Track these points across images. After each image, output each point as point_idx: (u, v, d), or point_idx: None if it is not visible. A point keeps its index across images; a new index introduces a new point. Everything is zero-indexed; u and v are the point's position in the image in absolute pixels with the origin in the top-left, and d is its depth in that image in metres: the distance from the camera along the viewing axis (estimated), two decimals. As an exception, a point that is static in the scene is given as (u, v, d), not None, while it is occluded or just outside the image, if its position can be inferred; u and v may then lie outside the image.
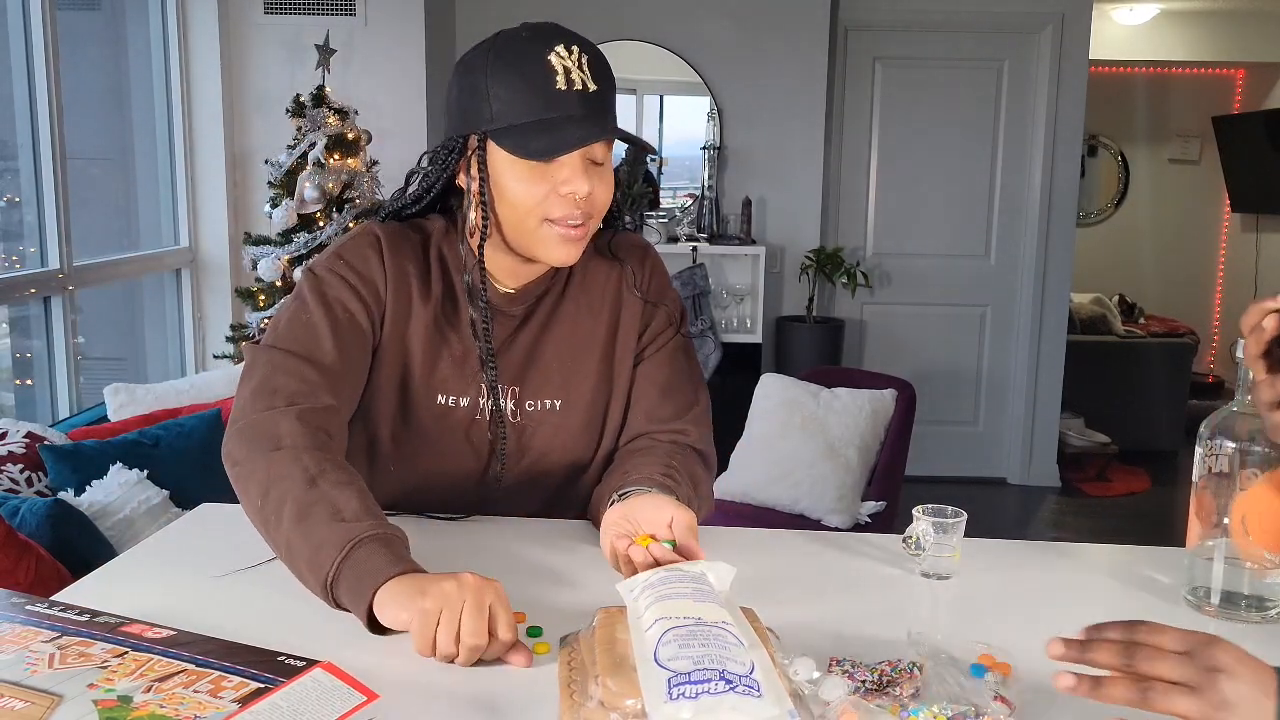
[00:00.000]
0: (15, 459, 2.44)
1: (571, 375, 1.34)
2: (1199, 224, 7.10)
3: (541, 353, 1.34)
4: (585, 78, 1.19)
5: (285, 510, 1.07)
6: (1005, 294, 5.07)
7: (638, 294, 1.37)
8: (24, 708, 0.76)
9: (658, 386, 1.36)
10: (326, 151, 3.53)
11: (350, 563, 1.01)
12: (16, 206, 3.16)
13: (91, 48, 3.82)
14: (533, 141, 1.18)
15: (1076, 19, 4.83)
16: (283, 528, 1.07)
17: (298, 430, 1.14)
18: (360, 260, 1.28)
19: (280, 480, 1.09)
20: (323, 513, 1.05)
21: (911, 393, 3.46)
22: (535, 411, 1.33)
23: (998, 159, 4.99)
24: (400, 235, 1.31)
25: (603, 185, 1.24)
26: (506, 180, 1.22)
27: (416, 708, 0.87)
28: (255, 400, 1.18)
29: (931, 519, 1.17)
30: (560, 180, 1.20)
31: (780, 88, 4.73)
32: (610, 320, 1.36)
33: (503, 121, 1.20)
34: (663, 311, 1.38)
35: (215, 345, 3.93)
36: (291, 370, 1.20)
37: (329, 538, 1.03)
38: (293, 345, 1.22)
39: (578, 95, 1.19)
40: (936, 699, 0.86)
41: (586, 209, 1.22)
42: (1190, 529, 1.13)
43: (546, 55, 1.19)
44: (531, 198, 1.21)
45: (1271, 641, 1.05)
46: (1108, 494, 5.10)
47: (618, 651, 0.84)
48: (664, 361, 1.37)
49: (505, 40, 1.22)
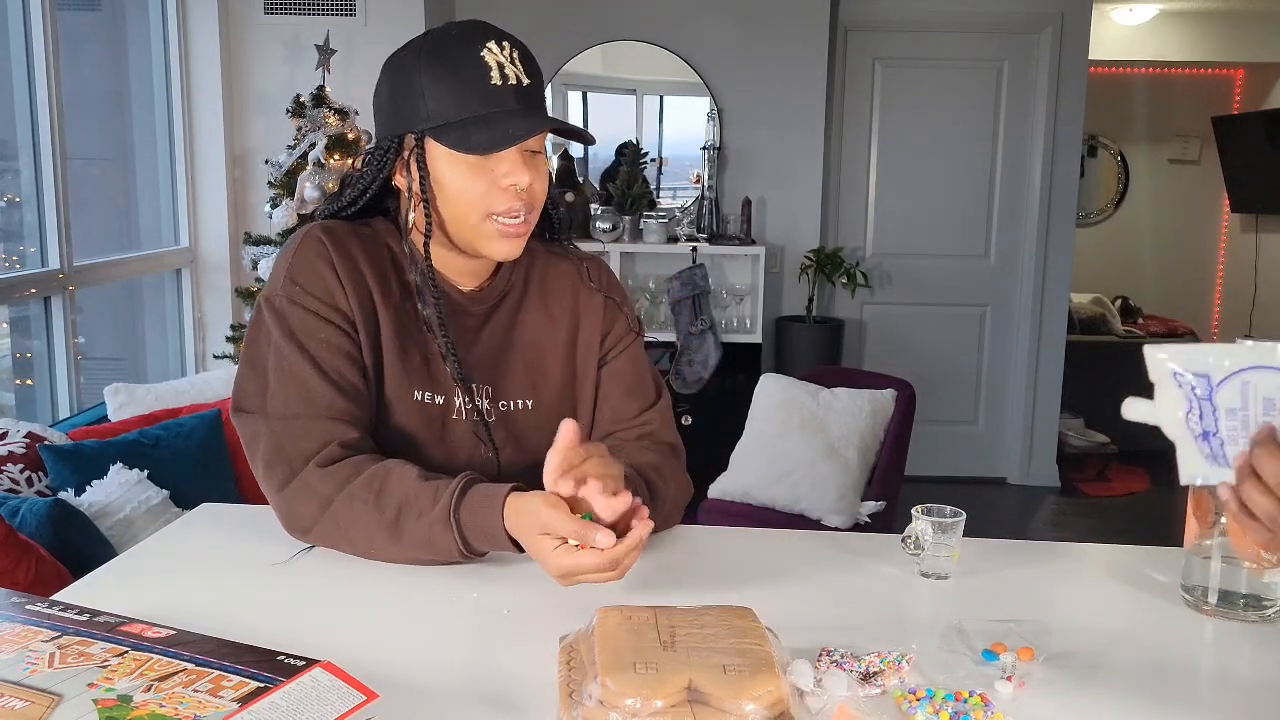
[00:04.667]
0: (15, 459, 2.44)
1: (539, 375, 1.35)
2: (1199, 224, 7.10)
3: (508, 353, 1.34)
4: (519, 72, 1.22)
5: (378, 540, 1.16)
6: (1005, 294, 5.08)
7: (593, 287, 1.39)
8: (24, 707, 0.76)
9: (622, 386, 1.38)
10: (326, 151, 3.53)
11: (469, 529, 1.12)
12: (16, 206, 3.16)
13: (91, 48, 3.82)
14: (474, 136, 1.19)
15: (1076, 19, 4.83)
16: (396, 553, 1.17)
17: (330, 473, 1.18)
18: (314, 280, 1.24)
19: (354, 524, 1.17)
20: (408, 518, 1.14)
21: (911, 393, 3.46)
22: (509, 411, 1.33)
23: (998, 159, 4.99)
24: (346, 232, 1.28)
25: (539, 177, 1.25)
26: (447, 177, 1.23)
27: (416, 708, 0.87)
28: (272, 474, 1.20)
29: (931, 519, 1.17)
30: (501, 173, 1.22)
31: (780, 88, 4.73)
32: (570, 321, 1.38)
33: (440, 119, 1.21)
34: (623, 316, 1.40)
35: (215, 345, 3.93)
36: (299, 433, 1.20)
37: (432, 532, 1.13)
38: (287, 408, 1.21)
39: (512, 90, 1.21)
40: (946, 676, 0.86)
41: (528, 200, 1.24)
42: (1188, 528, 1.13)
43: (479, 52, 1.20)
44: (473, 192, 1.22)
45: (1269, 641, 1.05)
46: (1107, 494, 5.10)
47: (617, 651, 0.84)
48: (626, 363, 1.39)
49: (436, 39, 1.23)
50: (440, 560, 1.16)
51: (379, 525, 1.15)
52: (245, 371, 1.25)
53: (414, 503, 1.14)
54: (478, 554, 1.15)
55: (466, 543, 1.13)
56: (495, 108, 1.20)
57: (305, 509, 1.19)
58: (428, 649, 0.98)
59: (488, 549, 1.15)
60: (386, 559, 1.18)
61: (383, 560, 1.18)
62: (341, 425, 1.21)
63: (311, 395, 1.21)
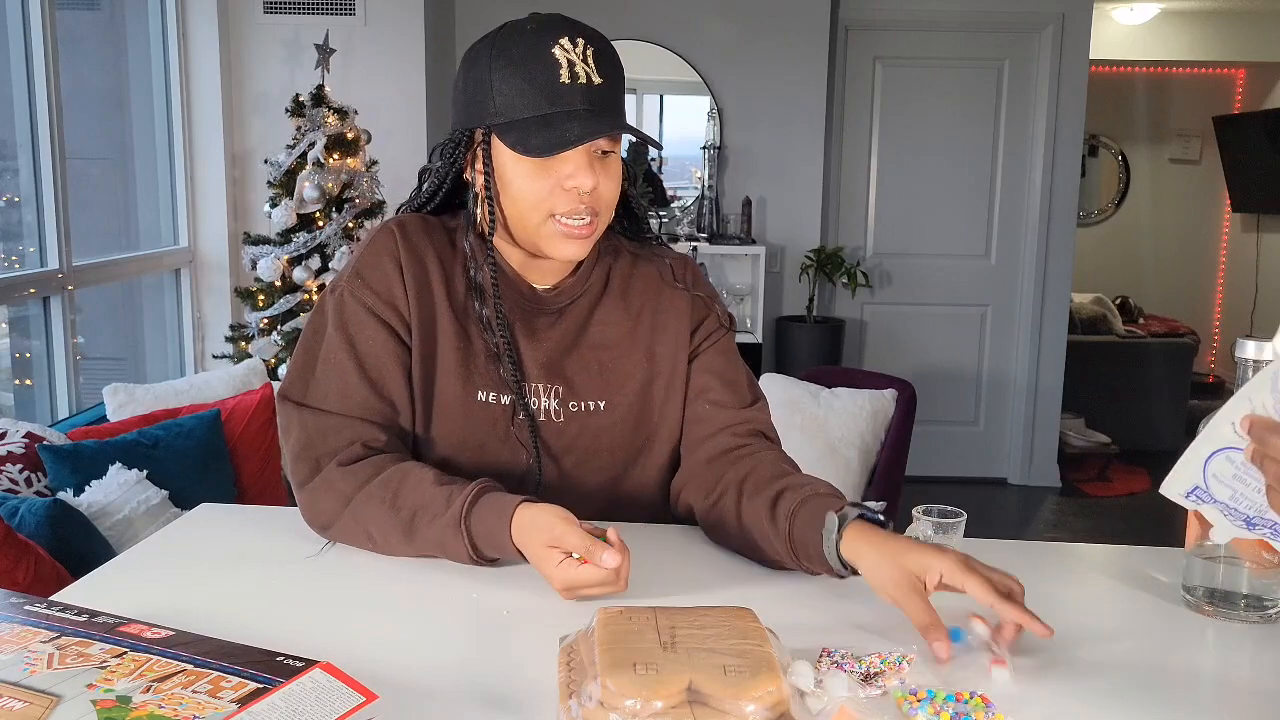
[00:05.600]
0: (14, 459, 2.44)
1: (613, 376, 1.32)
2: (1199, 224, 7.10)
3: (582, 353, 1.31)
4: (590, 71, 1.17)
5: (394, 540, 1.17)
6: (1005, 294, 5.07)
7: (680, 286, 1.35)
8: (23, 708, 0.76)
9: (721, 378, 1.34)
10: (326, 151, 3.53)
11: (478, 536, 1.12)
12: (16, 206, 3.16)
13: (91, 48, 3.82)
14: (533, 137, 1.16)
15: (1077, 19, 4.83)
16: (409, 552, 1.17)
17: (350, 473, 1.19)
18: (379, 276, 1.25)
19: (372, 523, 1.17)
20: (422, 521, 1.14)
21: (912, 393, 3.45)
22: (579, 413, 1.30)
23: (998, 159, 4.99)
24: (422, 227, 1.29)
25: (608, 179, 1.22)
26: (510, 175, 1.21)
27: (416, 708, 0.87)
28: (298, 468, 1.22)
29: (932, 519, 1.17)
30: (564, 175, 1.19)
31: (780, 88, 4.73)
32: (651, 320, 1.34)
33: (506, 116, 1.19)
34: (715, 311, 1.37)
35: (214, 345, 3.93)
36: (329, 430, 1.21)
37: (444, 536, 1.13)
38: (324, 401, 1.22)
39: (581, 89, 1.17)
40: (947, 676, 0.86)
41: (591, 204, 1.20)
42: (1189, 529, 1.12)
43: (550, 48, 1.17)
44: (535, 193, 1.20)
45: (1269, 641, 1.05)
46: (1108, 494, 5.10)
47: (618, 652, 0.84)
48: (720, 355, 1.36)
49: (510, 32, 1.20)
50: (456, 560, 1.16)
51: (395, 526, 1.16)
52: (299, 355, 1.26)
53: (428, 507, 1.14)
54: (488, 560, 1.15)
55: (476, 549, 1.13)
56: (560, 107, 1.17)
57: (326, 505, 1.19)
58: (428, 649, 0.98)
59: (497, 556, 1.14)
60: (404, 555, 1.18)
61: (401, 557, 1.19)
62: (372, 427, 1.22)
63: (348, 392, 1.22)
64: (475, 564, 1.15)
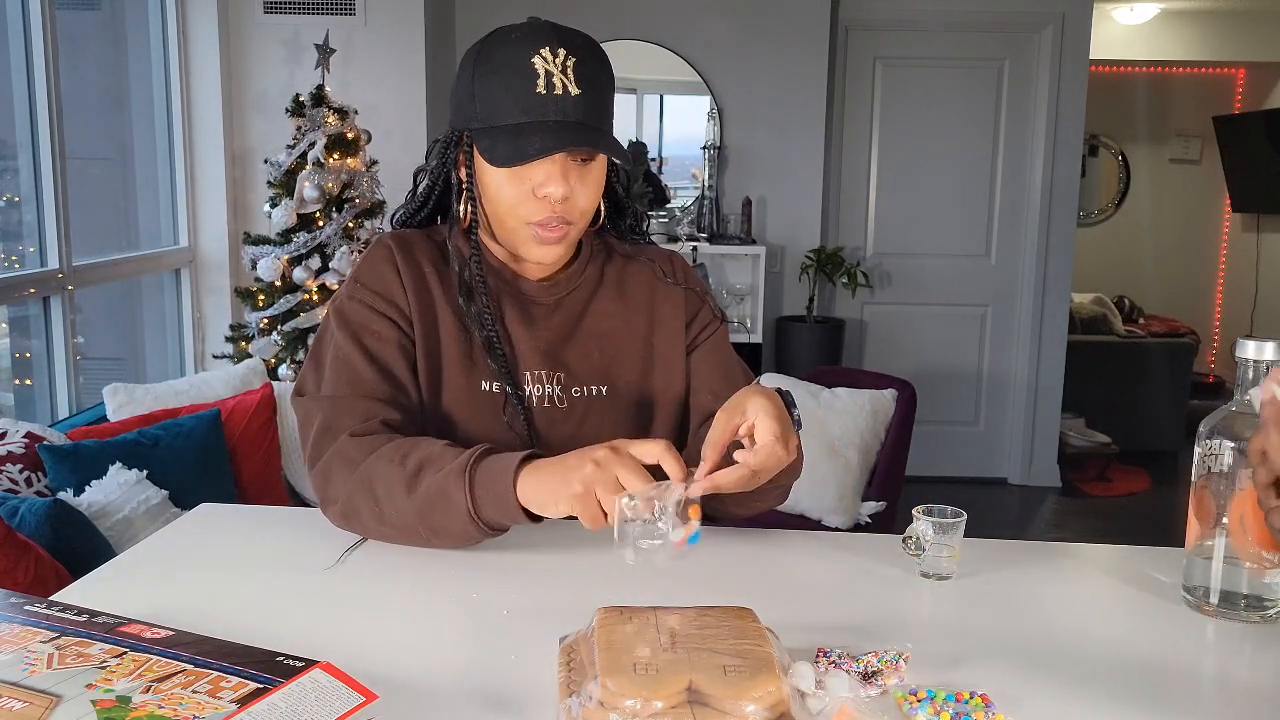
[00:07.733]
0: (15, 459, 2.44)
1: (613, 362, 1.34)
2: (1199, 224, 7.10)
3: (580, 340, 1.34)
4: (568, 82, 1.18)
5: (396, 495, 1.14)
6: (1005, 294, 5.07)
7: (670, 281, 1.38)
8: (22, 708, 0.76)
9: (719, 369, 1.37)
10: (326, 151, 3.53)
11: (479, 485, 1.09)
12: (16, 206, 3.16)
13: (91, 48, 3.82)
14: (500, 146, 1.19)
15: (1077, 19, 4.83)
16: (409, 509, 1.13)
17: (364, 441, 1.19)
18: (376, 278, 1.29)
19: (377, 478, 1.15)
20: (428, 473, 1.12)
21: (912, 393, 3.46)
22: (581, 398, 1.32)
23: (998, 159, 4.99)
24: (413, 237, 1.33)
25: (585, 187, 1.23)
26: (488, 179, 1.23)
27: (416, 708, 0.87)
28: (320, 443, 1.22)
29: (931, 519, 1.17)
30: (536, 183, 1.21)
31: (780, 88, 4.73)
32: (647, 314, 1.37)
33: (483, 122, 1.21)
34: (707, 305, 1.40)
35: (214, 345, 3.93)
36: (344, 409, 1.23)
37: (447, 483, 1.10)
38: (337, 388, 1.25)
39: (556, 101, 1.18)
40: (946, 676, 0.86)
41: (564, 212, 1.22)
42: (1189, 528, 1.12)
43: (530, 58, 1.18)
44: (509, 199, 1.22)
45: (1269, 641, 1.05)
46: (1108, 494, 5.10)
47: (617, 652, 0.84)
48: (716, 347, 1.39)
49: (498, 38, 1.22)
50: (452, 529, 1.13)
51: (399, 478, 1.14)
52: (308, 366, 1.29)
53: (436, 460, 1.14)
54: (482, 524, 1.11)
55: (475, 499, 1.10)
56: (533, 117, 1.18)
57: (338, 474, 1.19)
58: (428, 649, 0.98)
59: (493, 514, 1.11)
60: (402, 522, 1.15)
61: (399, 526, 1.16)
62: (386, 406, 1.23)
63: (359, 378, 1.24)
64: (468, 530, 1.12)
